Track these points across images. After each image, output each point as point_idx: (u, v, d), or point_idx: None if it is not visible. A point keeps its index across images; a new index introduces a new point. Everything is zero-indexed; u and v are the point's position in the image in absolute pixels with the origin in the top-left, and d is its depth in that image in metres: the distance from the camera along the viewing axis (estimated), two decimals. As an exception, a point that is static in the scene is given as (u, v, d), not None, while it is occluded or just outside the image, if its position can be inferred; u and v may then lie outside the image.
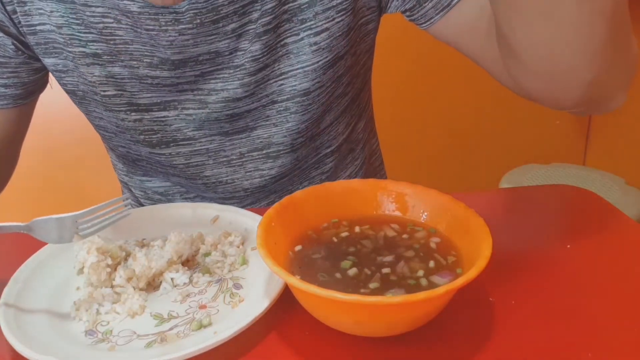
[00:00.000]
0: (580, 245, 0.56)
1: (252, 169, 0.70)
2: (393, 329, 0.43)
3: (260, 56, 0.62)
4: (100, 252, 0.51)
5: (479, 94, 1.72)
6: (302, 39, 0.62)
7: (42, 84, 0.70)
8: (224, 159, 0.69)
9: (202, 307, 0.48)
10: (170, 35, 0.59)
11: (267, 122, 0.67)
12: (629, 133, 1.82)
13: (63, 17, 0.61)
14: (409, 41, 0.94)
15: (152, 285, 0.52)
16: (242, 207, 0.64)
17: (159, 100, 0.65)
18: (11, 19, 0.62)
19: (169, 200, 0.76)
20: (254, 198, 0.73)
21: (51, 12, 0.61)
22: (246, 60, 0.62)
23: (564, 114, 1.98)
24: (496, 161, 1.88)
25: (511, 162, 1.79)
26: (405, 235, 0.49)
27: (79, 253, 0.52)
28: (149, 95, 0.64)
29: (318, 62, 0.63)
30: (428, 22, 0.62)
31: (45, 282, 0.51)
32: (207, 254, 0.55)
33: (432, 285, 0.44)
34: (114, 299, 0.49)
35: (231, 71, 0.63)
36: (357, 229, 0.50)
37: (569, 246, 0.56)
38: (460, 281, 0.39)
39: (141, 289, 0.50)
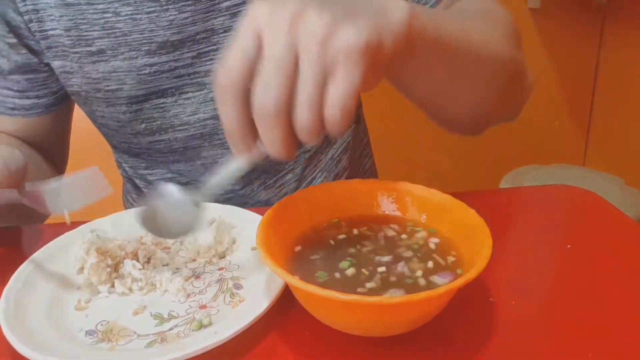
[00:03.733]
0: (581, 246, 0.56)
1: None
2: (393, 329, 0.43)
3: None
4: (99, 253, 0.51)
5: (479, 95, 1.72)
6: None
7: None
8: (218, 141, 0.72)
9: (203, 307, 0.48)
10: (170, 15, 0.64)
11: None
12: (629, 134, 1.82)
13: (71, 20, 0.65)
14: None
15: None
16: (234, 185, 0.66)
17: (157, 90, 0.68)
18: (28, 28, 0.67)
19: None
20: (247, 179, 0.76)
21: (60, 16, 0.66)
22: None
23: (564, 115, 1.98)
24: (496, 161, 1.87)
25: (511, 163, 1.79)
26: (404, 236, 0.50)
27: (78, 253, 0.52)
28: (147, 85, 0.68)
29: None
30: None
31: (45, 282, 0.51)
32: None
33: (431, 286, 0.44)
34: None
35: None
36: (356, 230, 0.50)
37: (569, 246, 0.56)
38: (460, 281, 0.39)
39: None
